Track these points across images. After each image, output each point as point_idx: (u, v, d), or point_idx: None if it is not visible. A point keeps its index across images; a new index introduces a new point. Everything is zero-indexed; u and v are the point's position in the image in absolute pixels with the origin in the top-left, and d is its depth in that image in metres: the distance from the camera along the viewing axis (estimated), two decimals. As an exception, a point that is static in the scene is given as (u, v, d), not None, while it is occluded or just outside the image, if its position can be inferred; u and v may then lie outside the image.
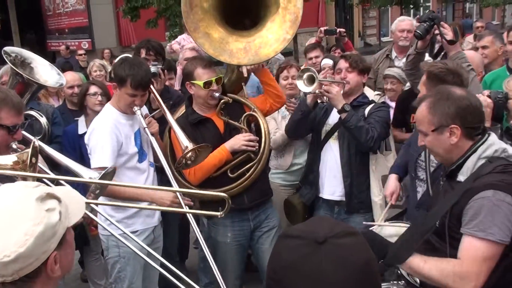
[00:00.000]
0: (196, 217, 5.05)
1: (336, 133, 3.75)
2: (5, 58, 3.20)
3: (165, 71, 4.22)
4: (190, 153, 3.20)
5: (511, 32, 4.54)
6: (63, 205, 1.45)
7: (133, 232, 3.19)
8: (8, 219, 1.35)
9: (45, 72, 3.45)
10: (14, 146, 2.55)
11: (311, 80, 3.57)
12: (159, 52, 4.30)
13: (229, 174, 3.50)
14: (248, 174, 3.51)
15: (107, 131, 3.26)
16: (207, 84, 3.46)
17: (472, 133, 2.20)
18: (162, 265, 2.60)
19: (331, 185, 3.80)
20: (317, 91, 3.60)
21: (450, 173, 2.27)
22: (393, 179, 3.46)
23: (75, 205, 1.52)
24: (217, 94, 3.48)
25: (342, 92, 3.62)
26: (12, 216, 1.35)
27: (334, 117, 3.76)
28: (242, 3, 3.59)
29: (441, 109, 2.20)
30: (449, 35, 3.62)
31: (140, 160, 3.43)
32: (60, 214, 1.41)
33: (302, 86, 3.61)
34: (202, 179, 3.49)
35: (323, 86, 3.57)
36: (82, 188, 3.17)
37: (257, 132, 3.61)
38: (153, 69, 3.85)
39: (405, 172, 3.47)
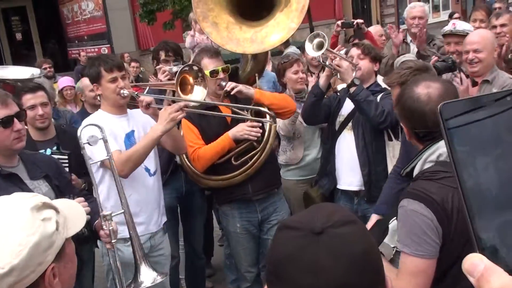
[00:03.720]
0: (217, 214, 5.11)
1: (350, 123, 3.73)
2: None
3: None
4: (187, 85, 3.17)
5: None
6: (61, 216, 1.38)
7: (124, 240, 3.14)
8: (1, 229, 1.28)
9: (15, 72, 3.53)
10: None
11: (320, 46, 3.57)
12: (177, 53, 4.37)
13: (233, 162, 3.53)
14: (251, 162, 3.54)
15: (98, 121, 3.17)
16: (214, 73, 3.48)
17: (419, 136, 2.07)
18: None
19: (348, 175, 3.78)
20: (327, 63, 3.60)
21: (406, 175, 2.17)
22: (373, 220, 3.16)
23: (75, 217, 1.46)
24: (224, 83, 3.49)
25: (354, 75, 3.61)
26: (5, 226, 1.29)
27: (347, 108, 3.74)
28: None
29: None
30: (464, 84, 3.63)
31: None
32: (57, 223, 1.34)
33: (310, 49, 3.62)
34: (206, 166, 3.54)
35: (333, 61, 3.58)
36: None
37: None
38: (175, 68, 3.93)
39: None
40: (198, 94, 3.16)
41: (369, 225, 3.12)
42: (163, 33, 14.00)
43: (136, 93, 3.33)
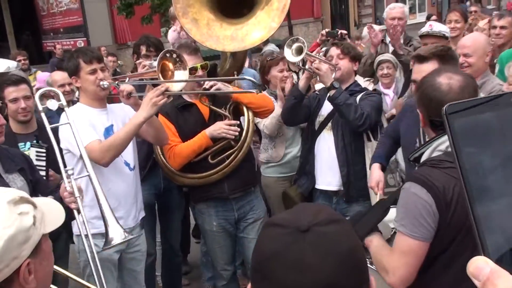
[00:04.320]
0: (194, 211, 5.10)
1: (330, 124, 3.75)
2: None
3: None
4: (168, 71, 3.18)
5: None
6: (38, 211, 1.36)
7: (102, 235, 3.06)
8: None
9: None
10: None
11: (299, 51, 3.57)
12: (158, 48, 4.33)
13: (210, 160, 3.51)
14: (228, 161, 3.52)
15: (78, 115, 3.14)
16: (192, 70, 3.45)
17: (434, 125, 2.11)
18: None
19: (327, 175, 3.80)
20: (307, 67, 3.62)
21: (414, 160, 2.22)
22: (376, 168, 3.38)
23: (53, 214, 1.44)
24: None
25: (333, 76, 3.62)
26: None
27: (327, 108, 3.76)
28: None
29: (415, 89, 2.21)
30: None
31: None
32: (35, 218, 1.32)
33: (289, 55, 3.62)
34: (182, 164, 3.53)
35: (313, 64, 3.59)
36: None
37: (235, 116, 3.61)
38: (155, 63, 3.86)
39: (387, 160, 3.44)
40: (180, 77, 3.16)
41: (373, 175, 3.32)
42: (141, 27, 13.88)
43: (116, 82, 3.31)
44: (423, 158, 2.13)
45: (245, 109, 3.61)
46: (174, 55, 3.17)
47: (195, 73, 3.49)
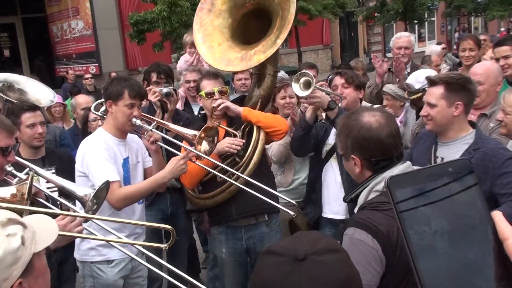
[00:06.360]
0: (204, 235, 5.09)
1: (336, 152, 3.75)
2: None
3: (177, 91, 4.30)
4: (201, 139, 3.24)
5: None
6: (28, 231, 1.38)
7: (108, 262, 3.19)
8: None
9: (36, 91, 3.49)
10: (8, 168, 2.55)
11: (307, 85, 3.59)
12: (169, 75, 4.43)
13: (217, 179, 3.52)
14: (233, 178, 3.48)
15: (101, 147, 3.22)
16: (209, 94, 3.57)
17: (371, 165, 2.07)
18: None
19: (334, 204, 3.78)
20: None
21: (350, 201, 2.18)
22: None
23: (45, 231, 1.46)
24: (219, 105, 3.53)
25: (339, 105, 3.64)
26: None
27: (333, 137, 3.76)
28: (256, 22, 3.78)
29: (342, 138, 2.13)
30: None
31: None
32: (23, 239, 1.34)
33: (298, 89, 3.61)
34: (193, 182, 3.58)
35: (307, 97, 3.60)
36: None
37: (249, 138, 3.61)
38: (165, 90, 3.99)
39: None
40: (205, 147, 3.28)
41: None
42: (152, 53, 14.10)
43: (150, 128, 3.31)
44: (360, 199, 2.08)
45: (254, 128, 3.61)
46: (214, 129, 3.32)
47: (211, 97, 3.59)
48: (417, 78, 4.38)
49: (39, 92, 3.95)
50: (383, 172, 2.04)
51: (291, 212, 3.35)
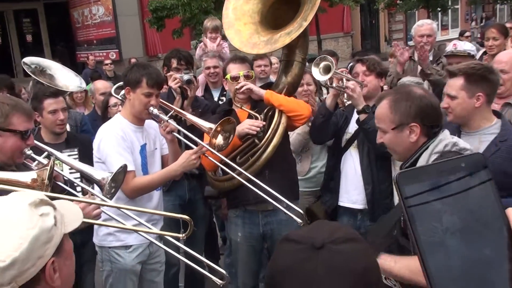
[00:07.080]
0: (221, 221, 5.11)
1: (356, 141, 3.71)
2: (25, 69, 3.29)
3: (197, 78, 4.30)
4: (217, 132, 3.21)
5: None
6: (58, 212, 1.42)
7: (126, 247, 3.22)
8: (1, 225, 1.33)
9: (65, 78, 3.52)
10: (27, 152, 2.57)
11: (327, 70, 3.56)
12: (189, 62, 4.40)
13: (237, 160, 3.50)
14: (251, 160, 3.47)
15: (118, 135, 3.23)
16: (234, 78, 3.59)
17: (430, 131, 2.29)
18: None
19: (353, 193, 3.74)
20: (334, 85, 3.60)
21: (410, 166, 2.23)
22: None
23: (71, 215, 1.49)
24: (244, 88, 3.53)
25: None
26: (5, 222, 1.34)
27: (353, 125, 3.72)
28: (287, 8, 3.73)
29: (402, 108, 2.28)
30: None
31: (144, 173, 3.35)
32: (55, 219, 1.39)
33: (317, 74, 3.62)
34: (212, 164, 3.47)
35: (346, 83, 3.57)
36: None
37: (270, 122, 3.58)
38: (186, 76, 3.97)
39: None
40: (219, 141, 3.27)
41: None
42: (171, 40, 14.11)
43: (166, 118, 3.26)
44: (420, 163, 2.20)
45: (276, 112, 3.58)
46: (230, 126, 3.28)
47: (236, 80, 3.60)
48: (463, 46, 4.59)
49: (67, 79, 3.99)
50: (437, 136, 2.27)
51: (299, 220, 3.27)
